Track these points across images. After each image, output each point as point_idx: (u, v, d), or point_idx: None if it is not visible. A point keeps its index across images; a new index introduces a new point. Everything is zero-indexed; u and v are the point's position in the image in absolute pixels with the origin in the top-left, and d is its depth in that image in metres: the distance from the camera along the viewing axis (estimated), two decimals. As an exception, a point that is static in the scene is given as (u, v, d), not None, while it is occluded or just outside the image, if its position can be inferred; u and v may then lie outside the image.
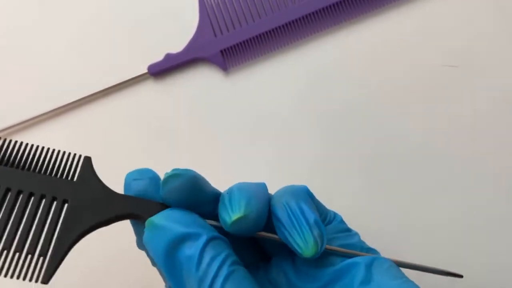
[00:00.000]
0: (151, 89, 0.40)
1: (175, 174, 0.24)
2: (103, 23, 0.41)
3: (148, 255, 0.25)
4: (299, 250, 0.24)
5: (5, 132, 0.40)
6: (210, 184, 0.25)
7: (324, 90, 0.40)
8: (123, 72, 0.40)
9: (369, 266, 0.24)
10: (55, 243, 0.24)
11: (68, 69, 0.40)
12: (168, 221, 0.23)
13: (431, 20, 0.40)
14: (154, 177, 0.25)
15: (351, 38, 0.40)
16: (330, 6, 0.39)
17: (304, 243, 0.23)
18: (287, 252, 0.26)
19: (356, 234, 0.27)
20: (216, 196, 0.25)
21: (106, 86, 0.40)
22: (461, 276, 0.27)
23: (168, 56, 0.40)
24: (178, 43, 0.40)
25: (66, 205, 0.24)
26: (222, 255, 0.22)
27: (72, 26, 0.41)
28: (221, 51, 0.39)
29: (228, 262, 0.22)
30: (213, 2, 0.40)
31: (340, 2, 0.39)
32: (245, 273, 0.23)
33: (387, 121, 0.39)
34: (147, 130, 0.40)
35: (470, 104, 0.39)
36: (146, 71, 0.40)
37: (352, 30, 0.40)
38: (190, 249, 0.22)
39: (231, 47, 0.40)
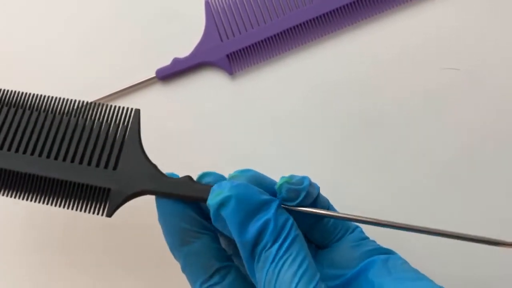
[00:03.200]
0: (159, 93, 0.41)
1: (241, 171, 0.28)
2: (112, 28, 0.42)
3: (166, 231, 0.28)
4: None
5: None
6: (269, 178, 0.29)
7: (329, 94, 0.40)
8: (132, 76, 0.41)
9: (385, 262, 0.27)
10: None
11: (77, 73, 0.41)
12: (245, 190, 0.26)
13: (433, 23, 0.41)
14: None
15: (354, 43, 0.41)
16: (333, 11, 0.40)
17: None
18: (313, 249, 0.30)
19: (373, 240, 0.30)
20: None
21: (115, 90, 0.40)
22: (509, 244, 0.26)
23: (176, 61, 0.41)
24: (185, 48, 0.41)
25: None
26: (290, 221, 0.26)
27: (81, 30, 0.42)
28: (227, 56, 0.40)
29: (295, 226, 0.26)
30: (219, 8, 0.41)
31: (343, 7, 0.40)
32: (304, 239, 0.26)
33: (391, 124, 0.40)
34: (155, 132, 0.40)
35: (471, 106, 0.39)
36: (154, 75, 0.41)
37: (355, 35, 0.41)
38: (267, 214, 0.25)
39: (237, 51, 0.40)
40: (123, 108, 0.30)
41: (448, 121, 0.39)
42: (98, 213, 0.29)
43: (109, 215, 0.28)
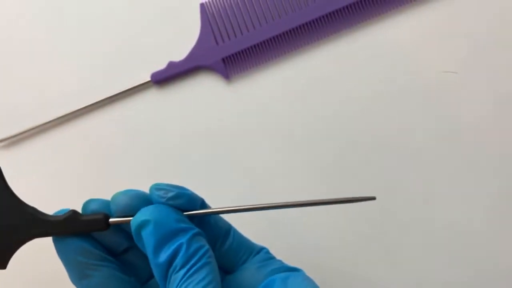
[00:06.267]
0: (154, 97, 0.41)
1: (123, 192, 0.28)
2: (107, 32, 0.41)
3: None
4: None
5: (6, 141, 0.41)
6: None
7: (326, 97, 0.40)
8: (127, 80, 0.40)
9: (285, 280, 0.28)
10: None
11: (72, 77, 0.41)
12: (162, 217, 0.27)
13: (431, 26, 0.40)
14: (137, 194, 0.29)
15: (350, 46, 0.40)
16: (330, 14, 0.40)
17: None
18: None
19: (280, 260, 0.31)
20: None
21: (110, 94, 0.40)
22: (373, 198, 0.27)
23: (171, 64, 0.40)
24: (180, 51, 0.40)
25: None
26: (205, 248, 0.26)
27: (75, 34, 0.42)
28: (223, 59, 0.40)
29: (209, 254, 0.26)
30: (214, 11, 0.40)
31: (339, 10, 0.40)
32: (216, 265, 0.27)
33: (388, 127, 0.39)
34: (151, 136, 0.40)
35: (468, 110, 0.39)
36: (149, 79, 0.40)
37: (351, 38, 0.40)
38: (182, 239, 0.26)
39: (232, 55, 0.40)
40: None
41: (444, 123, 0.39)
42: None
43: (4, 267, 0.28)
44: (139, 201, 0.27)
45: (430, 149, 0.39)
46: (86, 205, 0.28)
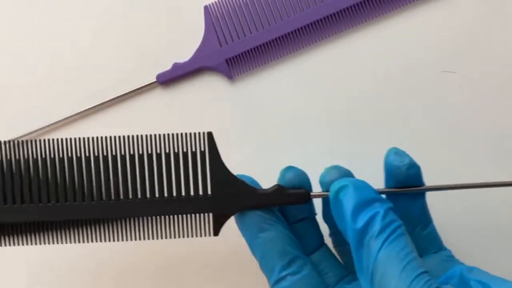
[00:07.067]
0: (160, 97, 0.42)
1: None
2: (112, 33, 0.42)
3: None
4: None
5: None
6: None
7: (329, 97, 0.41)
8: (133, 81, 0.41)
9: (471, 270, 0.28)
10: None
11: (77, 79, 0.42)
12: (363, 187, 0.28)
13: (430, 26, 0.41)
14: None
15: (352, 46, 0.41)
16: (331, 16, 0.40)
17: None
18: None
19: (462, 263, 0.31)
20: None
21: (116, 95, 0.41)
22: None
23: (176, 66, 0.41)
24: (185, 53, 0.41)
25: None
26: (399, 222, 0.27)
27: (80, 35, 0.42)
28: (226, 60, 0.41)
29: (403, 227, 0.27)
30: (218, 13, 0.41)
31: (340, 11, 0.40)
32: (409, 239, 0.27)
33: (388, 127, 0.40)
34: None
35: (467, 110, 0.40)
36: (154, 80, 0.41)
37: (352, 38, 0.41)
38: (379, 208, 0.27)
39: (236, 56, 0.41)
40: (195, 134, 0.31)
41: (443, 122, 0.40)
42: (204, 235, 0.31)
43: (216, 234, 0.31)
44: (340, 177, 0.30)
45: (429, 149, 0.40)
46: (285, 171, 0.31)
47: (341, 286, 0.31)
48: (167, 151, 0.31)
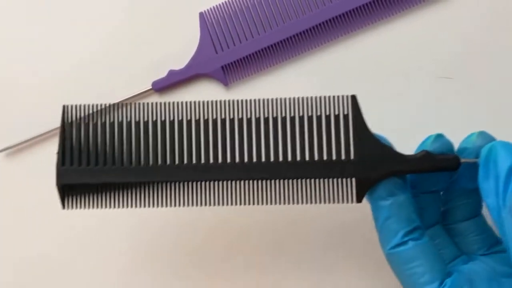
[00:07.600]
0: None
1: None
2: (108, 41, 0.42)
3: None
4: None
5: (15, 148, 0.42)
6: None
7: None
8: (129, 89, 0.41)
9: None
10: None
11: (73, 86, 0.42)
12: None
13: (427, 32, 0.41)
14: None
15: (348, 52, 0.41)
16: (327, 22, 0.40)
17: None
18: None
19: None
20: None
21: (112, 102, 0.41)
22: None
23: (171, 73, 0.41)
24: (181, 60, 0.41)
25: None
26: None
27: (77, 43, 0.43)
28: (222, 67, 0.41)
29: None
30: (213, 20, 0.41)
31: (336, 17, 0.40)
32: None
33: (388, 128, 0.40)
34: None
35: (465, 115, 0.40)
36: (150, 87, 0.41)
37: (350, 44, 0.41)
38: None
39: (231, 63, 0.41)
40: (338, 97, 0.31)
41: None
42: (346, 202, 0.30)
43: (359, 200, 0.30)
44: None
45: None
46: (436, 137, 0.31)
47: (457, 263, 0.32)
48: (309, 114, 0.31)
